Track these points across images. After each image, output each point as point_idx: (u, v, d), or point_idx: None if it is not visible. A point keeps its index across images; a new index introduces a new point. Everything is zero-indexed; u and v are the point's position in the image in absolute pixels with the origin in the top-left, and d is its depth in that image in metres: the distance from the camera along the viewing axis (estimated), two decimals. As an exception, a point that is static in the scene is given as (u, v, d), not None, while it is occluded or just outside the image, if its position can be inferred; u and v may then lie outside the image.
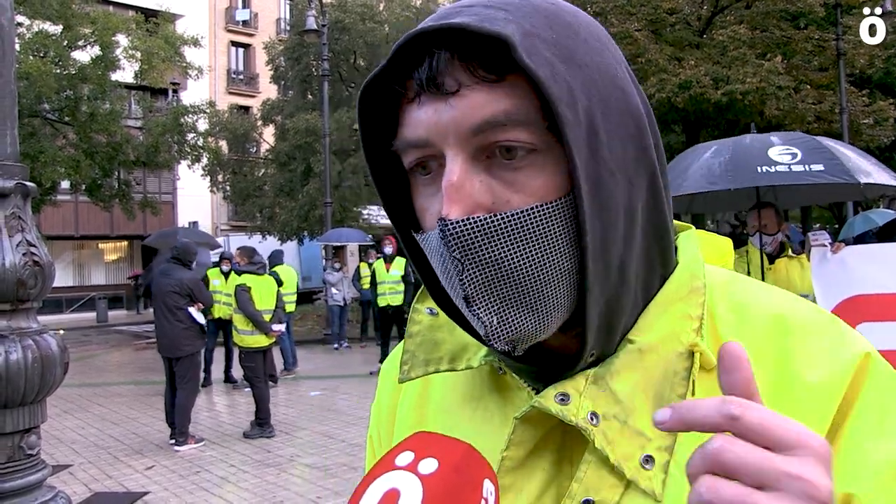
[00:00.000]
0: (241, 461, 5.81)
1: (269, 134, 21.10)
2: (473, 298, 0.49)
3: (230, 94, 28.60)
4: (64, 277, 24.33)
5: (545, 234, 0.48)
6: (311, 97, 19.85)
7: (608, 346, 0.53)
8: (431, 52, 0.48)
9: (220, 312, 9.01)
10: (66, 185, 17.69)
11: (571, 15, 0.52)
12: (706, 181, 3.90)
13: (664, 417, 0.38)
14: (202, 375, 9.10)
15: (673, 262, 0.57)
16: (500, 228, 0.47)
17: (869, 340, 0.54)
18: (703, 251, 0.60)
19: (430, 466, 0.46)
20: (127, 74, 17.03)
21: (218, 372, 9.65)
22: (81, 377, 10.37)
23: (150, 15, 18.64)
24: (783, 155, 3.74)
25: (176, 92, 22.95)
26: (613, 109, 0.50)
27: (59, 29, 15.70)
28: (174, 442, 6.29)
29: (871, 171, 3.77)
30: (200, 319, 6.55)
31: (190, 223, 20.25)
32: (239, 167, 21.00)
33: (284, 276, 9.55)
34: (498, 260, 0.48)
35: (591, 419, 0.51)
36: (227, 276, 9.15)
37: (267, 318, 6.77)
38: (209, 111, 18.85)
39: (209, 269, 9.72)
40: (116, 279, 26.91)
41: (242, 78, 29.89)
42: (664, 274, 0.56)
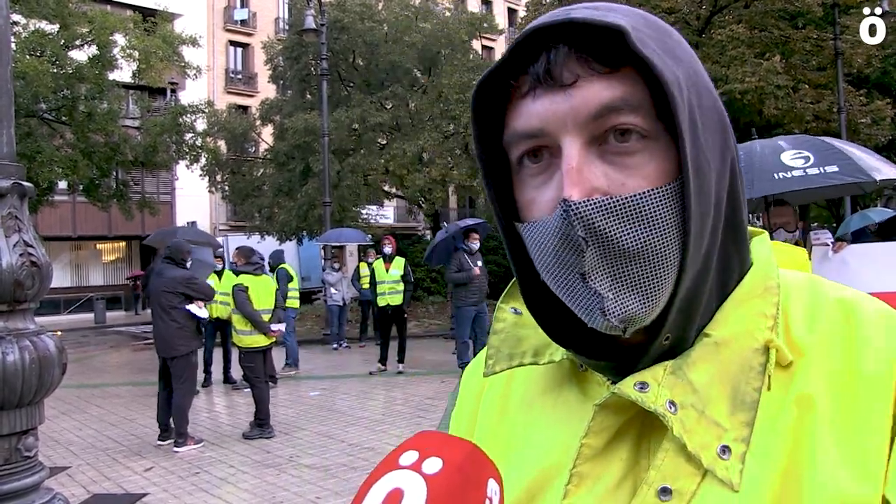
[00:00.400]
0: (240, 462, 5.80)
1: (267, 134, 21.04)
2: (592, 275, 0.51)
3: (228, 93, 28.56)
4: (62, 278, 24.31)
5: (658, 217, 0.51)
6: (309, 97, 19.79)
7: (684, 335, 0.55)
8: (548, 46, 0.52)
9: (217, 312, 8.99)
10: (63, 185, 17.64)
11: (660, 21, 0.57)
12: None
13: None
14: (203, 376, 9.13)
15: (748, 261, 0.60)
16: (618, 210, 0.50)
17: None
18: (778, 258, 0.62)
19: (434, 466, 0.46)
20: (125, 74, 16.98)
21: (217, 372, 9.63)
22: (79, 378, 10.34)
23: (148, 14, 18.61)
24: (796, 159, 3.75)
25: (174, 91, 22.93)
26: (705, 103, 0.54)
27: (55, 28, 15.64)
28: (168, 442, 6.27)
29: (880, 167, 3.80)
30: (202, 314, 6.53)
31: (189, 223, 20.21)
32: (237, 167, 20.96)
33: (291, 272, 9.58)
34: (616, 240, 0.50)
35: (669, 407, 0.53)
36: (220, 274, 9.12)
37: (266, 318, 6.76)
38: (207, 111, 18.81)
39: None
40: (114, 280, 26.91)
41: (241, 77, 29.84)
42: (740, 272, 0.59)
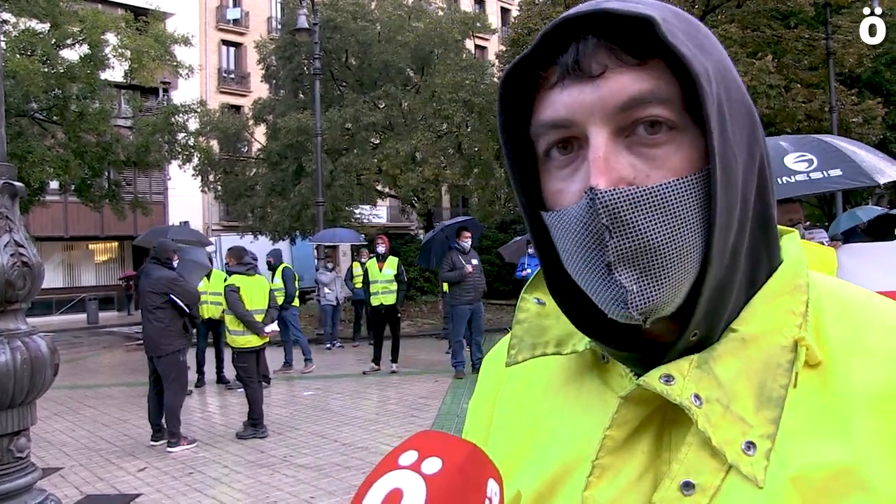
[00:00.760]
0: (233, 462, 5.78)
1: (260, 133, 20.97)
2: (616, 265, 0.51)
3: (221, 93, 28.44)
4: (54, 279, 24.17)
5: (682, 208, 0.51)
6: (302, 96, 19.71)
7: (711, 330, 0.55)
8: (577, 37, 0.52)
9: (208, 313, 8.96)
10: (55, 185, 17.54)
11: (689, 14, 0.57)
12: None
13: None
14: (196, 376, 9.09)
15: (778, 258, 0.59)
16: (644, 200, 0.50)
17: None
18: (807, 257, 0.61)
19: (433, 466, 0.46)
20: (116, 73, 16.89)
21: (210, 373, 9.60)
22: (72, 379, 10.28)
23: (139, 13, 18.52)
24: (799, 162, 3.72)
25: (166, 91, 22.84)
26: (734, 97, 0.54)
27: (46, 27, 15.54)
28: (161, 442, 6.25)
29: (883, 168, 3.78)
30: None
31: (181, 223, 20.11)
32: (230, 167, 20.85)
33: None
34: (641, 230, 0.50)
35: (694, 400, 0.52)
36: (208, 275, 9.10)
37: (259, 318, 6.75)
38: (200, 110, 18.72)
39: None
40: (107, 280, 26.75)
41: (233, 77, 29.72)
42: (769, 269, 0.58)
